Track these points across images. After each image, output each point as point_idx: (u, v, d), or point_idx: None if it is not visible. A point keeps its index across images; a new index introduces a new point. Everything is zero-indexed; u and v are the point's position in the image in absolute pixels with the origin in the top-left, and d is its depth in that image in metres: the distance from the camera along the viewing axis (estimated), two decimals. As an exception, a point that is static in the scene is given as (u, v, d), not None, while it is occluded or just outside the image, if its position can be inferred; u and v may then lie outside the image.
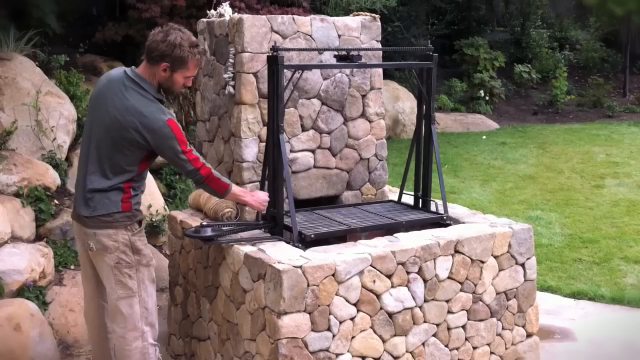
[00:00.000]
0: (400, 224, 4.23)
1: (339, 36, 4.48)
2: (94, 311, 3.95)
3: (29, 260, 4.88)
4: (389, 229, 4.20)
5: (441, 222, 4.35)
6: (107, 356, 3.97)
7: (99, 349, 4.02)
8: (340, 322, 3.62)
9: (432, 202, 4.53)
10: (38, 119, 5.86)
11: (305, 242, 3.85)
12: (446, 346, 4.01)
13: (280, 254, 3.66)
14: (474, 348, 4.12)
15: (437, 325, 3.96)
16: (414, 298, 3.84)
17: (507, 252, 4.18)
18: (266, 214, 4.12)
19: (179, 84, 3.74)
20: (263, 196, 3.99)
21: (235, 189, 3.87)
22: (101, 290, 3.85)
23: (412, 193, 4.64)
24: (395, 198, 4.76)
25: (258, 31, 4.19)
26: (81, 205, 3.67)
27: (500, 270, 4.17)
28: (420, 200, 4.60)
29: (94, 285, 3.88)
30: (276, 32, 4.26)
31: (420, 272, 3.85)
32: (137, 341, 3.74)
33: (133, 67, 3.74)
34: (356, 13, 4.74)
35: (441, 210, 4.41)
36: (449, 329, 4.01)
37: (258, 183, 4.22)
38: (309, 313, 3.51)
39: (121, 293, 3.70)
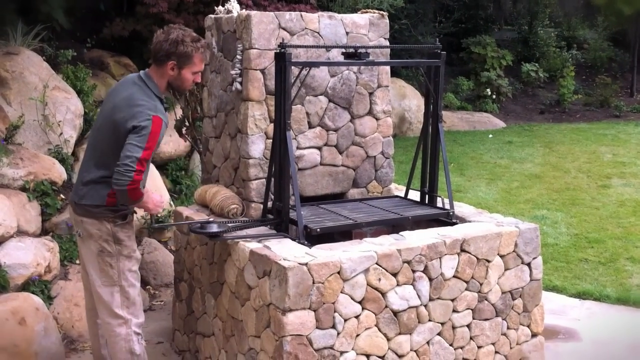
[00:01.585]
0: (407, 218, 4.23)
1: (347, 33, 4.47)
2: (88, 296, 4.05)
3: (34, 255, 4.89)
4: (395, 224, 4.20)
5: (447, 218, 4.35)
6: (97, 341, 4.09)
7: (92, 333, 4.13)
8: (345, 320, 3.61)
9: (438, 197, 4.52)
10: (45, 113, 5.87)
11: (311, 236, 3.86)
12: (451, 345, 4.00)
13: (285, 251, 3.66)
14: (479, 347, 4.11)
15: (442, 324, 3.95)
16: (419, 296, 3.84)
17: (513, 251, 4.17)
18: (272, 208, 4.12)
19: (188, 80, 3.80)
20: (157, 198, 3.87)
21: (145, 197, 3.71)
22: None
23: (419, 189, 4.63)
24: (402, 195, 4.75)
25: (266, 28, 4.19)
26: (74, 191, 3.84)
27: (506, 269, 4.16)
28: (427, 196, 4.59)
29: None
30: (284, 29, 4.25)
31: (425, 270, 3.84)
32: (121, 328, 3.83)
33: (147, 69, 3.82)
34: (364, 10, 4.73)
35: (447, 206, 4.40)
36: (453, 327, 4.00)
37: (264, 179, 4.22)
38: (314, 310, 3.51)
39: (103, 281, 3.80)
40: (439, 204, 4.50)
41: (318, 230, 3.89)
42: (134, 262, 3.88)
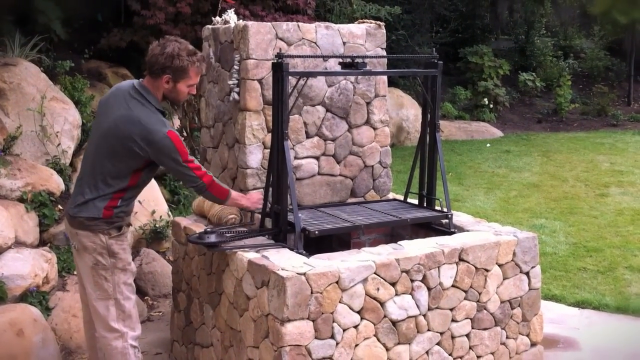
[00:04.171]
0: (405, 221, 4.23)
1: (344, 43, 4.48)
2: (85, 309, 4.03)
3: (32, 266, 4.87)
4: (394, 226, 4.18)
5: (446, 219, 4.35)
6: (95, 354, 4.05)
7: (90, 346, 4.10)
8: (344, 330, 3.60)
9: (436, 200, 4.52)
10: (43, 124, 5.87)
11: (310, 244, 3.85)
12: (450, 355, 3.99)
13: (284, 260, 3.65)
14: (478, 357, 4.10)
15: (441, 333, 3.94)
16: (418, 306, 3.83)
17: (512, 260, 4.17)
18: (270, 211, 4.11)
19: (183, 93, 3.79)
20: (256, 195, 4.13)
21: (234, 194, 3.96)
22: None
23: (417, 193, 4.64)
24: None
25: (263, 38, 4.20)
26: (71, 205, 3.80)
27: (504, 278, 4.15)
28: (425, 199, 4.60)
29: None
30: (281, 39, 4.26)
31: (424, 280, 3.84)
32: (117, 341, 3.81)
33: (141, 79, 3.80)
34: (361, 20, 4.75)
35: (445, 210, 4.41)
36: (452, 337, 3.99)
37: (262, 189, 4.22)
38: (313, 320, 3.50)
39: (98, 294, 3.78)
40: (437, 207, 4.50)
41: (316, 232, 3.88)
42: (129, 275, 3.86)
